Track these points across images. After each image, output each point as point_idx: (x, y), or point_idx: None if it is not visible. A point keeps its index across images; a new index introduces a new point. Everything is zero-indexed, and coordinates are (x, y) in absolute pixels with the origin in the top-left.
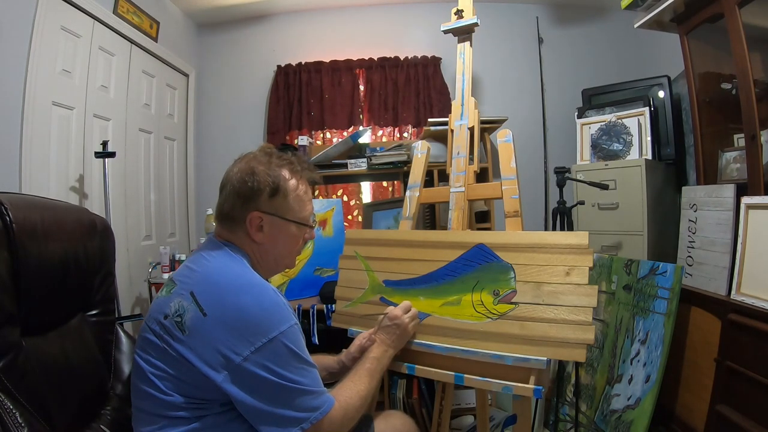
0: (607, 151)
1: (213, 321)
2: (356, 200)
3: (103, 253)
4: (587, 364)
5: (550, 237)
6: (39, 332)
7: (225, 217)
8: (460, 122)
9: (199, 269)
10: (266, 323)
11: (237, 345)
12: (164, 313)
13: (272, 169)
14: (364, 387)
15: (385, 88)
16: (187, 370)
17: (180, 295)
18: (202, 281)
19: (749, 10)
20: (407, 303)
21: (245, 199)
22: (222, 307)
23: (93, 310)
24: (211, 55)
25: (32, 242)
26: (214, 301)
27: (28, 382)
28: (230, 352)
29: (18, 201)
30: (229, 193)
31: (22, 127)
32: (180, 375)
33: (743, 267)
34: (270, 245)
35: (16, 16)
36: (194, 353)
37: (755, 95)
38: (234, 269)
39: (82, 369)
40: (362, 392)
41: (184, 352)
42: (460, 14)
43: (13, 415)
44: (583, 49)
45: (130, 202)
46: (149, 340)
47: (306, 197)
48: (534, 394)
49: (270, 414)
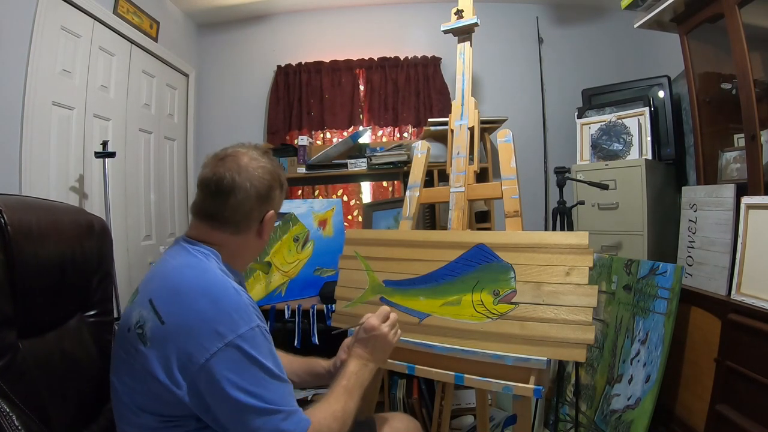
0: (607, 151)
1: (170, 328)
2: (356, 200)
3: (100, 253)
4: (587, 364)
5: (550, 237)
6: (36, 334)
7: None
8: (460, 122)
9: (159, 274)
10: (222, 326)
11: (193, 351)
12: (128, 325)
13: (276, 166)
14: (339, 407)
15: (385, 88)
16: (152, 384)
17: (140, 304)
18: (161, 287)
19: (749, 10)
20: (385, 309)
21: (264, 199)
22: (178, 312)
23: (91, 311)
24: (211, 55)
25: (28, 244)
26: (171, 308)
27: (25, 384)
28: (187, 360)
29: (13, 202)
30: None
31: (22, 127)
32: (147, 391)
33: (743, 267)
34: (262, 240)
35: (16, 16)
36: (155, 365)
37: (755, 95)
38: (196, 271)
39: (80, 370)
40: (337, 413)
41: (146, 365)
42: (460, 14)
43: (9, 418)
44: (583, 49)
45: (130, 202)
46: (119, 357)
47: None
48: (534, 394)
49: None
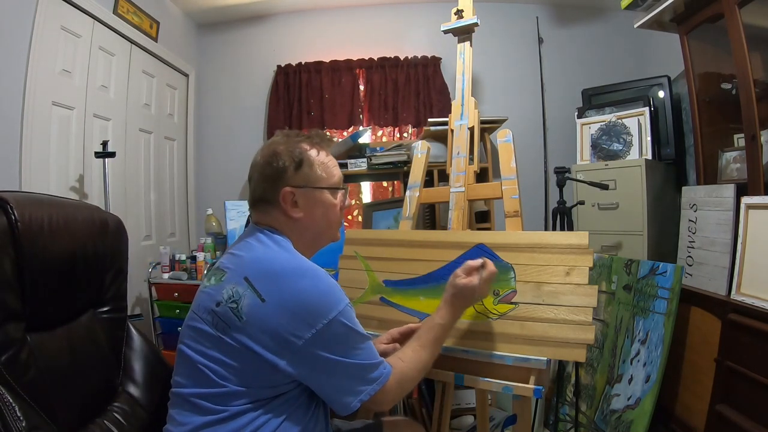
0: (607, 151)
1: (272, 307)
2: (356, 200)
3: (114, 251)
4: (587, 364)
5: (550, 237)
6: (45, 328)
7: (259, 202)
8: (460, 122)
9: (247, 255)
10: (324, 306)
11: (298, 329)
12: (216, 300)
13: (292, 145)
14: (426, 357)
15: (385, 88)
16: (247, 358)
17: (232, 281)
18: (255, 267)
19: (749, 10)
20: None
21: (273, 180)
22: (280, 292)
23: (104, 307)
24: (211, 55)
25: (38, 239)
26: (272, 287)
27: (31, 376)
28: (291, 336)
29: (23, 199)
30: (258, 179)
31: (22, 127)
32: (238, 364)
33: (743, 267)
34: (308, 219)
35: (16, 16)
36: (254, 340)
37: (755, 95)
38: (283, 254)
39: (89, 365)
40: (422, 362)
41: (243, 340)
42: (460, 14)
43: (12, 409)
44: (583, 49)
45: (130, 202)
46: (200, 330)
47: (331, 163)
48: (534, 394)
49: (333, 386)
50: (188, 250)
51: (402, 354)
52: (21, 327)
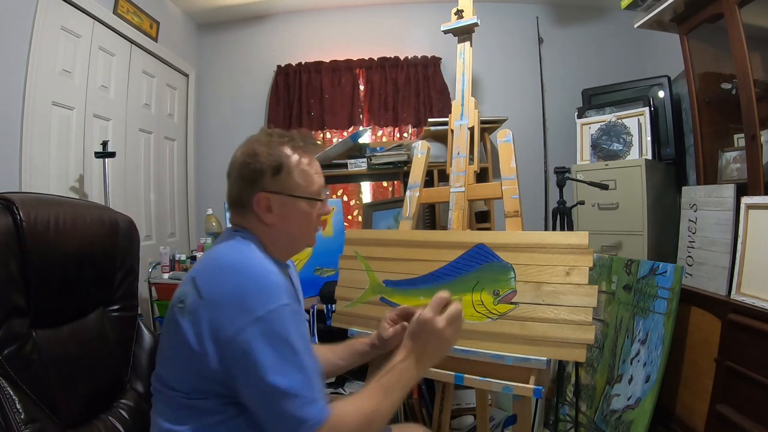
0: (607, 151)
1: (207, 302)
2: (356, 200)
3: (125, 250)
4: (587, 364)
5: (550, 237)
6: (51, 325)
7: (234, 203)
8: (460, 122)
9: (206, 257)
10: (253, 301)
11: (223, 323)
12: (173, 302)
13: (273, 148)
14: (371, 405)
15: (385, 88)
16: (185, 352)
17: (185, 282)
18: (206, 267)
19: (749, 10)
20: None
21: (249, 182)
22: (216, 287)
23: (114, 306)
24: (211, 55)
25: (44, 239)
26: (211, 284)
27: (34, 370)
28: (216, 330)
29: (29, 199)
30: (235, 178)
31: (22, 127)
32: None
33: (743, 267)
34: (282, 225)
35: (16, 16)
36: (189, 333)
37: (755, 95)
38: (236, 252)
39: (95, 361)
40: (367, 411)
41: (181, 333)
42: (460, 14)
43: (12, 401)
44: (583, 49)
45: (130, 202)
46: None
47: (312, 170)
48: (534, 394)
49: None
50: (188, 250)
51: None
52: (26, 323)
